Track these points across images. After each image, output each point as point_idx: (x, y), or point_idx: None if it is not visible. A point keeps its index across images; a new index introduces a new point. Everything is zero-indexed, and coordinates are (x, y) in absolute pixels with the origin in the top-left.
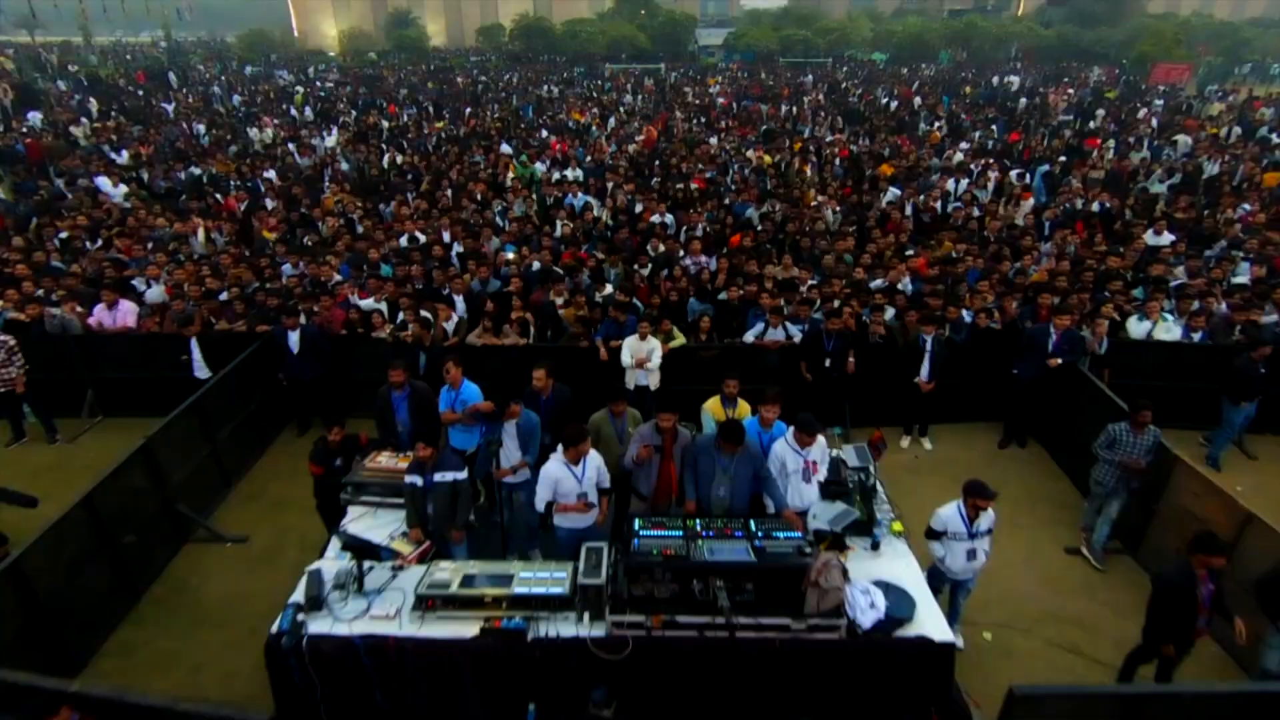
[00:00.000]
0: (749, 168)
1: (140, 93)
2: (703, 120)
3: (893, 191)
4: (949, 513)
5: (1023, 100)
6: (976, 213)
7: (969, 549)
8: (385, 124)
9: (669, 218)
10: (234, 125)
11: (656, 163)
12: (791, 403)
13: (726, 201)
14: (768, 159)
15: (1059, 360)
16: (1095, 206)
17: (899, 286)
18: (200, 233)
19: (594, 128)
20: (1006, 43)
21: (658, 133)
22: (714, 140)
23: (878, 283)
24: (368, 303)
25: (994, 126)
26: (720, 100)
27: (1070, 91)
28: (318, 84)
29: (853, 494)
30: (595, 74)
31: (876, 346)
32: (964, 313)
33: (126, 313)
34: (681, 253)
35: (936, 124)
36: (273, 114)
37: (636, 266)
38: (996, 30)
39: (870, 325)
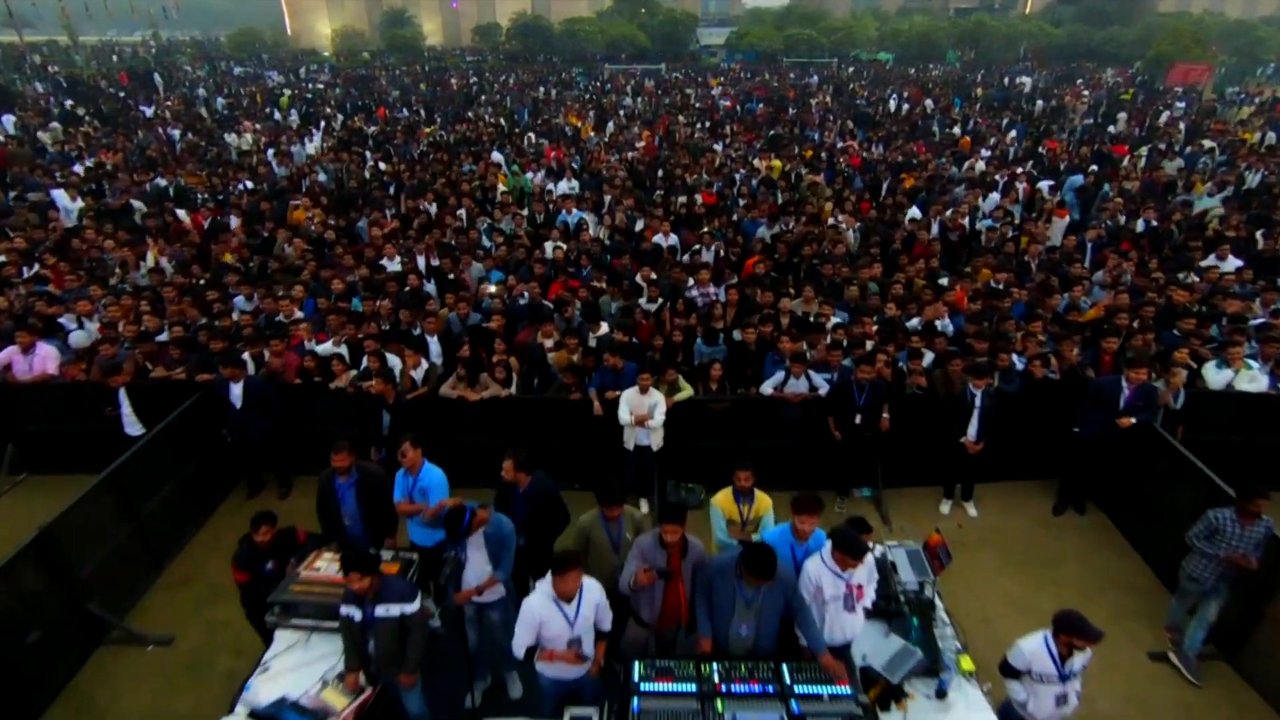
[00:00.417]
0: (757, 178)
1: (122, 94)
2: (706, 124)
3: (914, 210)
4: (1034, 647)
5: (1039, 102)
6: (1011, 233)
7: (1059, 693)
8: (370, 129)
9: (674, 238)
10: (212, 130)
11: (659, 172)
12: (815, 463)
13: (735, 218)
14: (777, 165)
15: (1132, 420)
16: (1139, 224)
17: (937, 326)
18: (149, 257)
19: (592, 134)
20: (1015, 42)
21: (659, 138)
22: (719, 147)
23: (913, 322)
24: (325, 346)
25: (1014, 131)
26: (724, 103)
27: (1085, 93)
28: (307, 85)
29: (907, 615)
30: (594, 74)
31: (915, 399)
32: (1015, 359)
33: (45, 358)
34: (690, 282)
35: (955, 128)
36: (256, 117)
37: (642, 300)
38: (1006, 29)
39: (908, 375)
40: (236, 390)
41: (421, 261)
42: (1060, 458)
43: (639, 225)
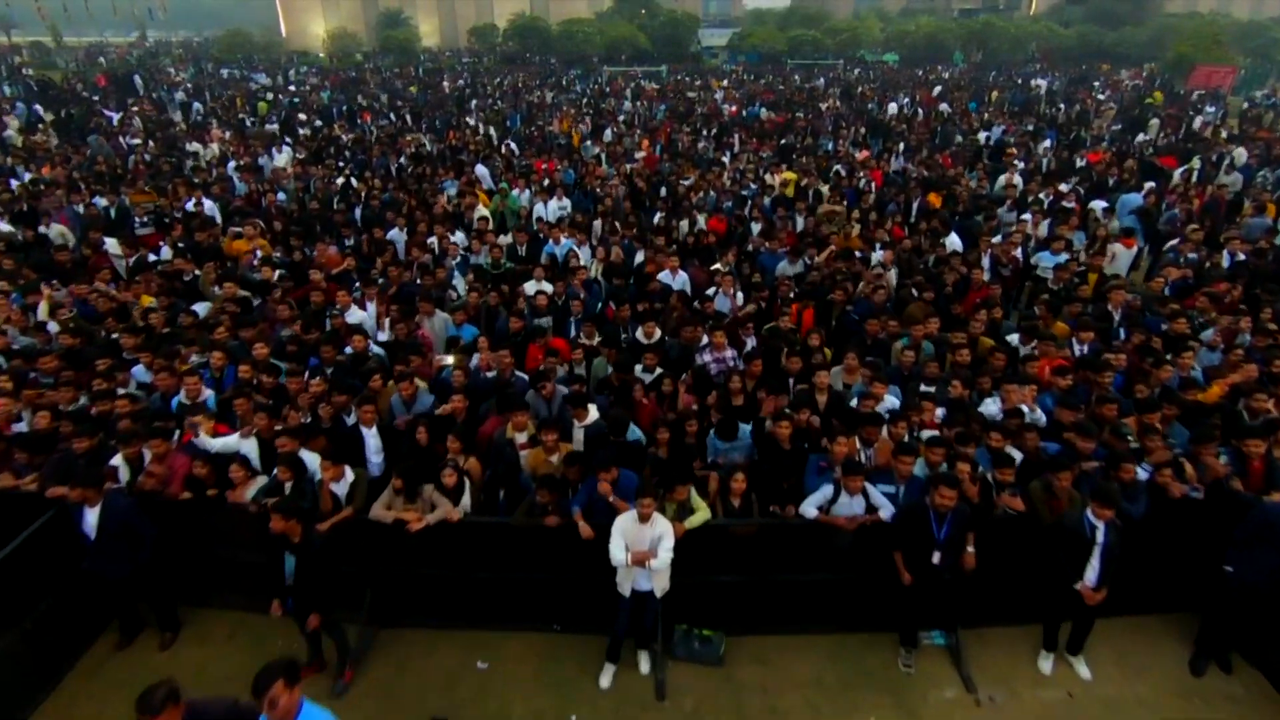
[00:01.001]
0: (770, 195)
1: (95, 99)
2: (710, 131)
3: (952, 239)
4: None
5: (1060, 106)
6: (1079, 267)
7: None
8: (348, 137)
9: (683, 276)
10: (176, 139)
11: (661, 190)
12: (870, 601)
13: (749, 247)
14: (791, 176)
15: None
16: (1224, 258)
17: (1024, 412)
18: (41, 308)
19: (588, 142)
20: (1024, 43)
21: (659, 146)
22: (726, 159)
23: (990, 407)
24: (224, 442)
25: (1048, 140)
26: (728, 108)
27: (1102, 97)
28: (292, 88)
29: None
30: (593, 77)
31: (1006, 524)
32: (1139, 470)
33: None
34: (705, 340)
35: (979, 134)
36: (230, 124)
37: (637, 367)
38: (1015, 30)
39: (996, 491)
40: (90, 517)
41: (372, 312)
42: (1200, 593)
43: (639, 257)
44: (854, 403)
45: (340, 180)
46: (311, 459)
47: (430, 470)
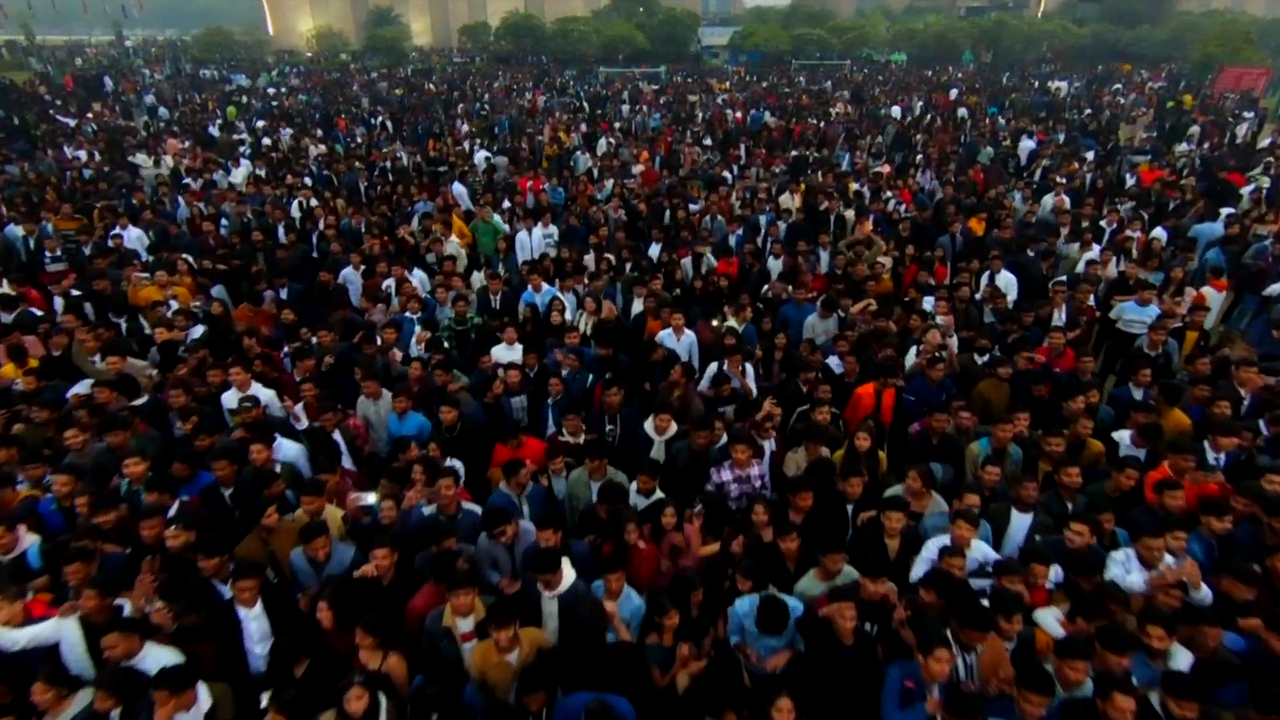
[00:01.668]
0: (786, 219)
1: (59, 102)
2: (713, 140)
3: (1008, 277)
4: None
5: (1088, 111)
6: (1179, 324)
7: None
8: (318, 149)
9: (688, 338)
10: (123, 150)
11: (665, 214)
12: None
13: (767, 293)
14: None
15: None
16: None
17: (1173, 568)
18: None
19: (580, 155)
20: (1037, 43)
21: (659, 158)
22: (729, 175)
23: (1135, 579)
24: (33, 633)
25: (1091, 153)
26: (734, 114)
27: (1124, 100)
28: (271, 90)
29: None
30: (588, 78)
31: None
32: None
33: None
34: (722, 438)
35: (1006, 143)
36: (194, 131)
37: (634, 488)
38: (1028, 29)
39: None
40: None
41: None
42: None
43: (635, 306)
44: (931, 555)
45: (298, 202)
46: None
47: (331, 687)
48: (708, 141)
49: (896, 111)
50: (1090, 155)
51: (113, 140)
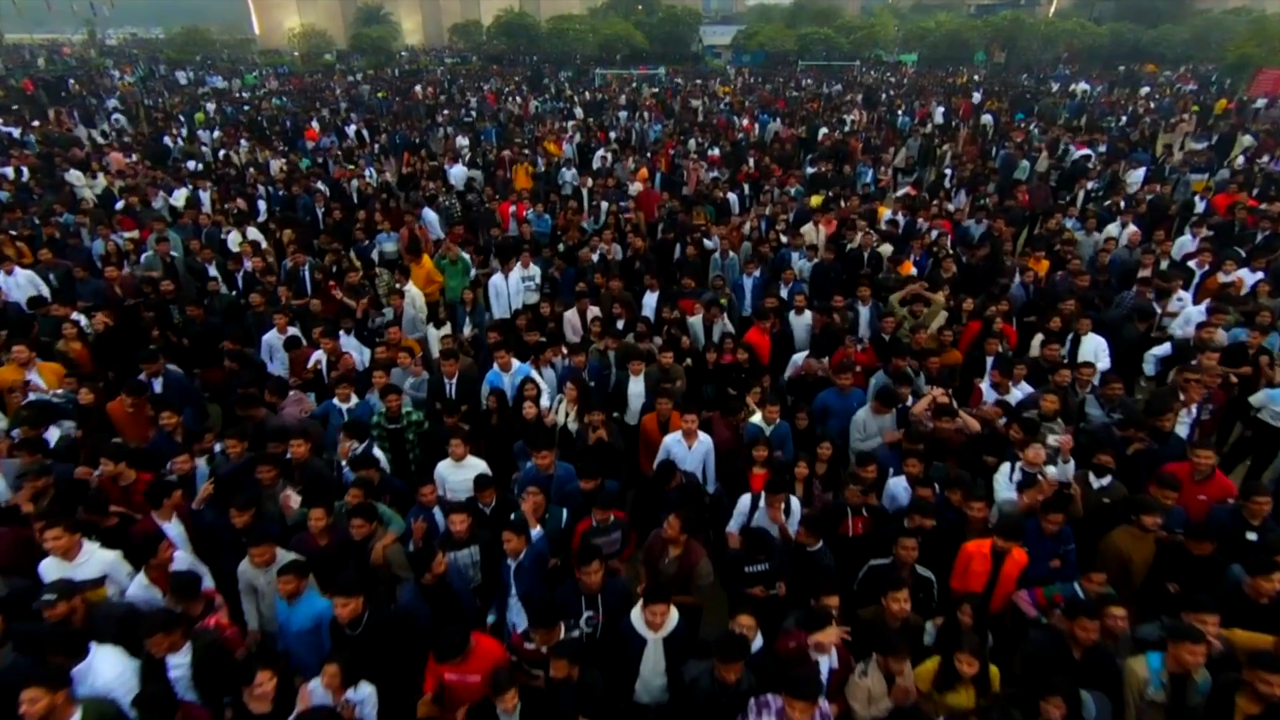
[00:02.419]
0: (813, 259)
1: (15, 107)
2: (718, 147)
3: (1096, 341)
4: None
5: (1122, 118)
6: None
7: None
8: (276, 163)
9: (702, 444)
10: (55, 166)
11: (675, 248)
12: None
13: (793, 375)
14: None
15: None
16: None
17: None
18: None
19: (569, 172)
20: (1053, 42)
21: (658, 175)
22: (734, 197)
23: None
24: None
25: (1142, 170)
26: (741, 122)
27: (1154, 104)
28: (241, 95)
29: None
30: (585, 80)
31: None
32: None
33: None
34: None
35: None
36: (147, 143)
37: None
38: (1045, 28)
39: None
40: None
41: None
42: None
43: (633, 388)
44: None
45: (234, 234)
46: None
47: None
48: (715, 152)
49: (940, 115)
50: (1141, 172)
51: (44, 154)
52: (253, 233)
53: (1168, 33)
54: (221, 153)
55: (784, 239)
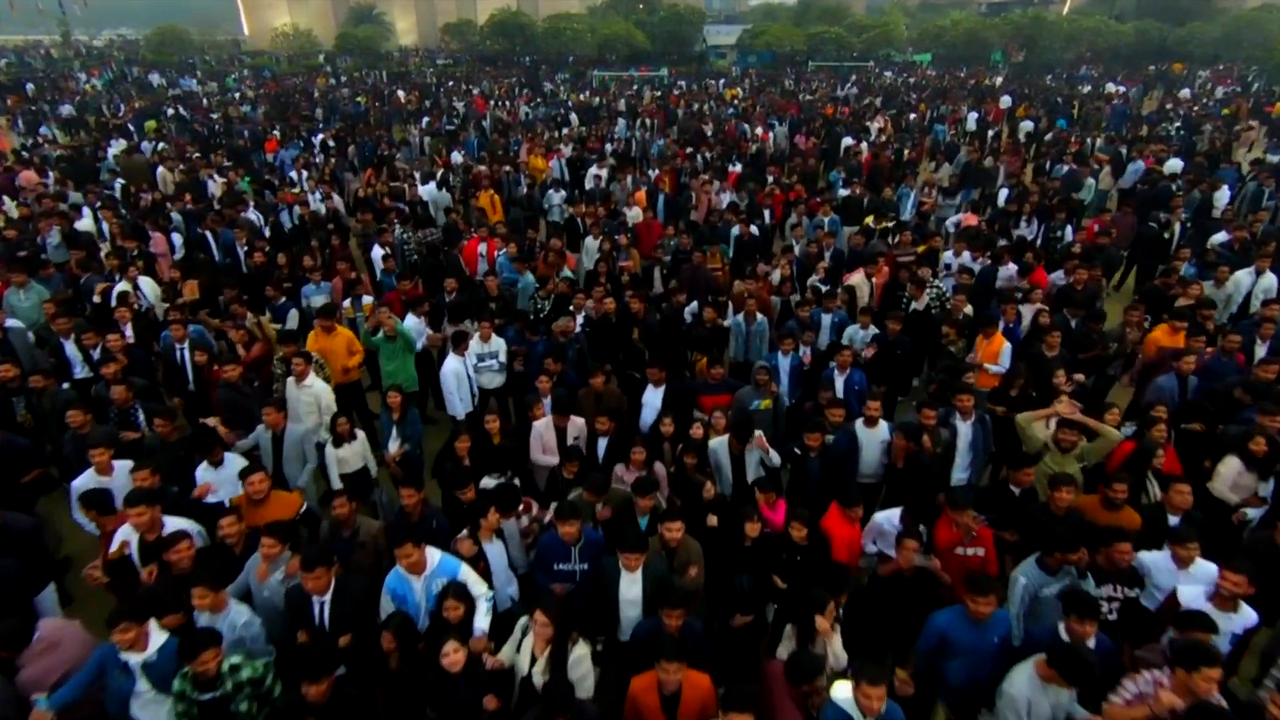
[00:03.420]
0: (878, 335)
1: None
2: (728, 161)
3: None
4: None
5: (1176, 124)
6: None
7: None
8: (217, 180)
9: None
10: None
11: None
12: None
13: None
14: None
15: None
16: None
17: None
18: None
19: (555, 195)
20: (1076, 41)
21: (663, 199)
22: (757, 228)
23: None
24: None
25: (1226, 190)
26: (752, 129)
27: (1195, 107)
28: (212, 100)
29: None
30: (583, 82)
31: None
32: None
33: None
34: None
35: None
36: (74, 158)
37: None
38: (1067, 27)
39: None
40: None
41: None
42: None
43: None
44: None
45: (119, 291)
46: None
47: None
48: (736, 167)
49: (973, 121)
50: (1226, 192)
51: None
52: (147, 284)
53: (1197, 31)
54: (159, 169)
55: (821, 288)
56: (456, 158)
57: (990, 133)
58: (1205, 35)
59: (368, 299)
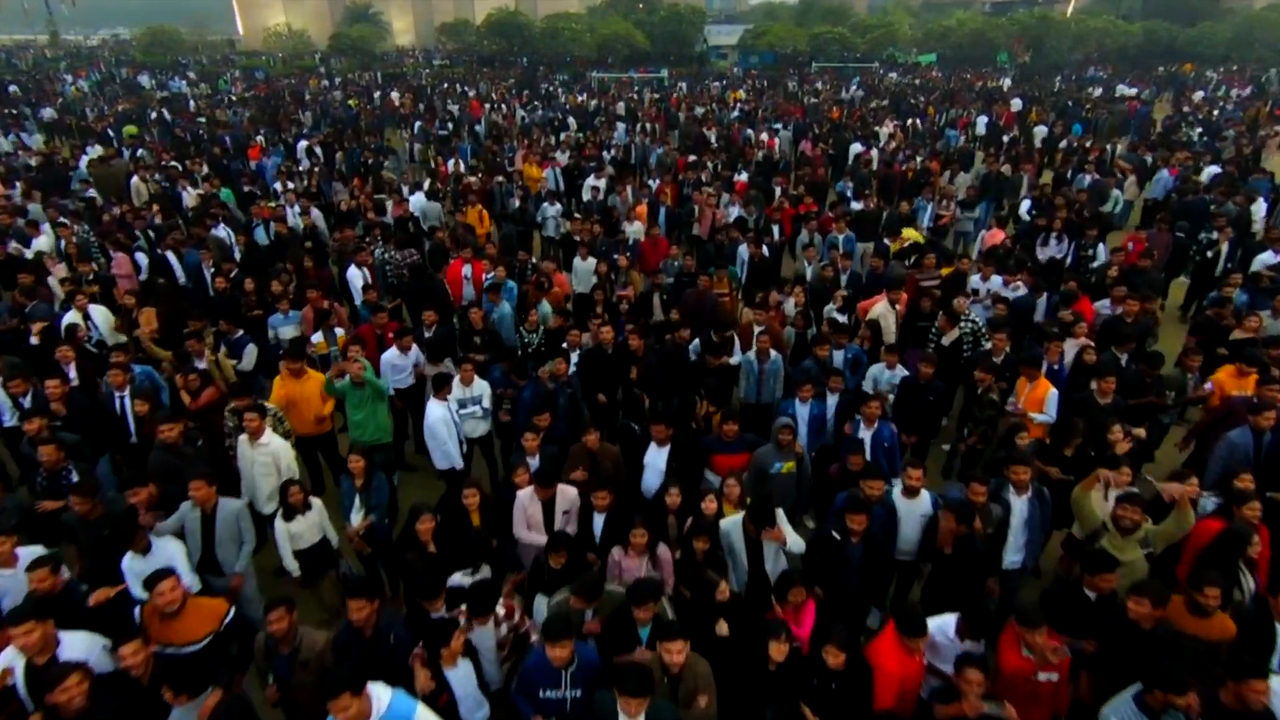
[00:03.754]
0: (907, 378)
1: None
2: (732, 170)
3: None
4: None
5: (1196, 129)
6: None
7: None
8: (192, 192)
9: None
10: None
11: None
12: None
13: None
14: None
15: None
16: None
17: None
18: None
19: (551, 209)
20: (1084, 41)
21: (664, 213)
22: (767, 248)
23: None
24: None
25: (1262, 203)
26: (756, 135)
27: (1215, 112)
28: (199, 103)
29: None
30: (581, 84)
31: None
32: None
33: None
34: None
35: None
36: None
37: None
38: (1075, 27)
39: None
40: None
41: None
42: None
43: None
44: None
45: (66, 325)
46: None
47: None
48: (743, 177)
49: (983, 126)
50: (1263, 205)
51: None
52: (100, 314)
53: (1208, 31)
54: (134, 179)
55: (839, 319)
56: (455, 166)
57: (1005, 138)
58: (1216, 35)
59: (342, 331)
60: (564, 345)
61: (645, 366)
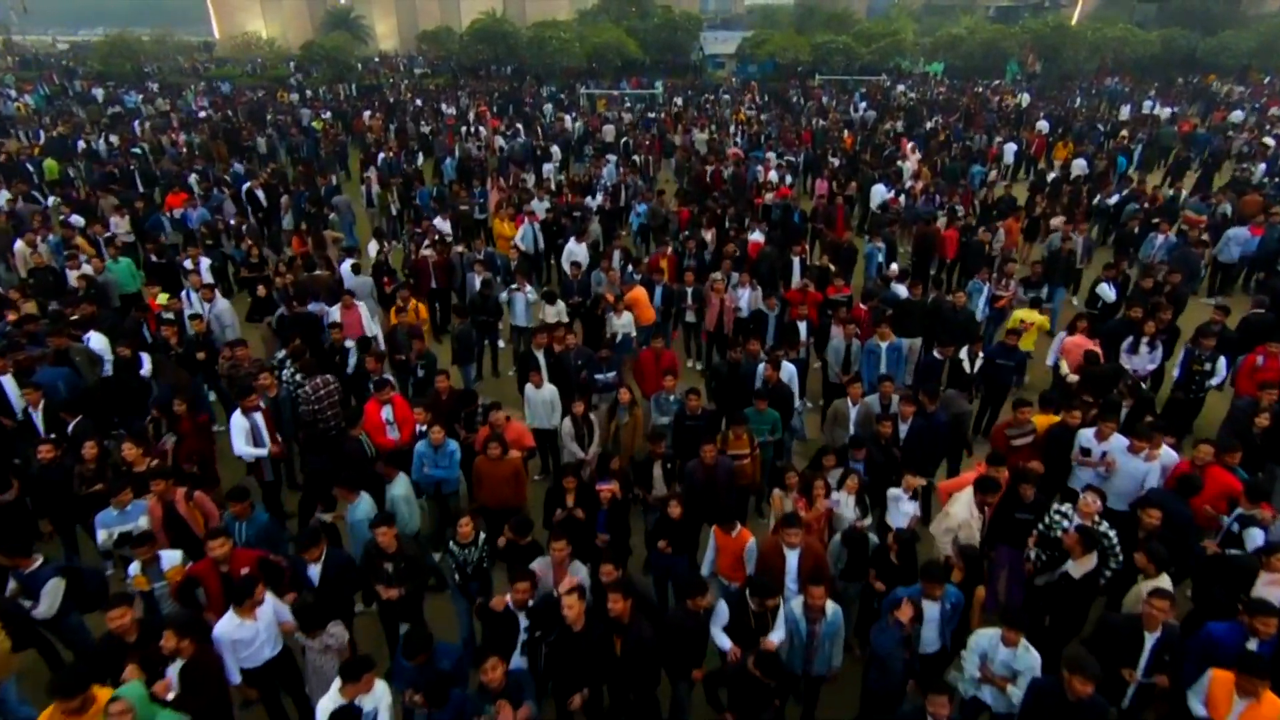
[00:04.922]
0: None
1: None
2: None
3: None
4: None
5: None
6: None
7: None
8: (113, 231)
9: None
10: None
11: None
12: None
13: None
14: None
15: None
16: None
17: None
18: None
19: (531, 296)
20: (1099, 51)
21: (665, 286)
22: (790, 371)
23: None
24: None
25: None
26: (767, 173)
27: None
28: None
29: None
30: (569, 98)
31: None
32: None
33: None
34: None
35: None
36: None
37: None
38: (1091, 36)
39: None
40: None
41: None
42: None
43: None
44: None
45: None
46: None
47: None
48: (757, 235)
49: (1011, 155)
50: None
51: None
52: None
53: (1229, 40)
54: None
55: (913, 541)
56: (442, 225)
57: (1051, 177)
58: (1239, 45)
59: (173, 556)
60: (509, 603)
61: (631, 642)
